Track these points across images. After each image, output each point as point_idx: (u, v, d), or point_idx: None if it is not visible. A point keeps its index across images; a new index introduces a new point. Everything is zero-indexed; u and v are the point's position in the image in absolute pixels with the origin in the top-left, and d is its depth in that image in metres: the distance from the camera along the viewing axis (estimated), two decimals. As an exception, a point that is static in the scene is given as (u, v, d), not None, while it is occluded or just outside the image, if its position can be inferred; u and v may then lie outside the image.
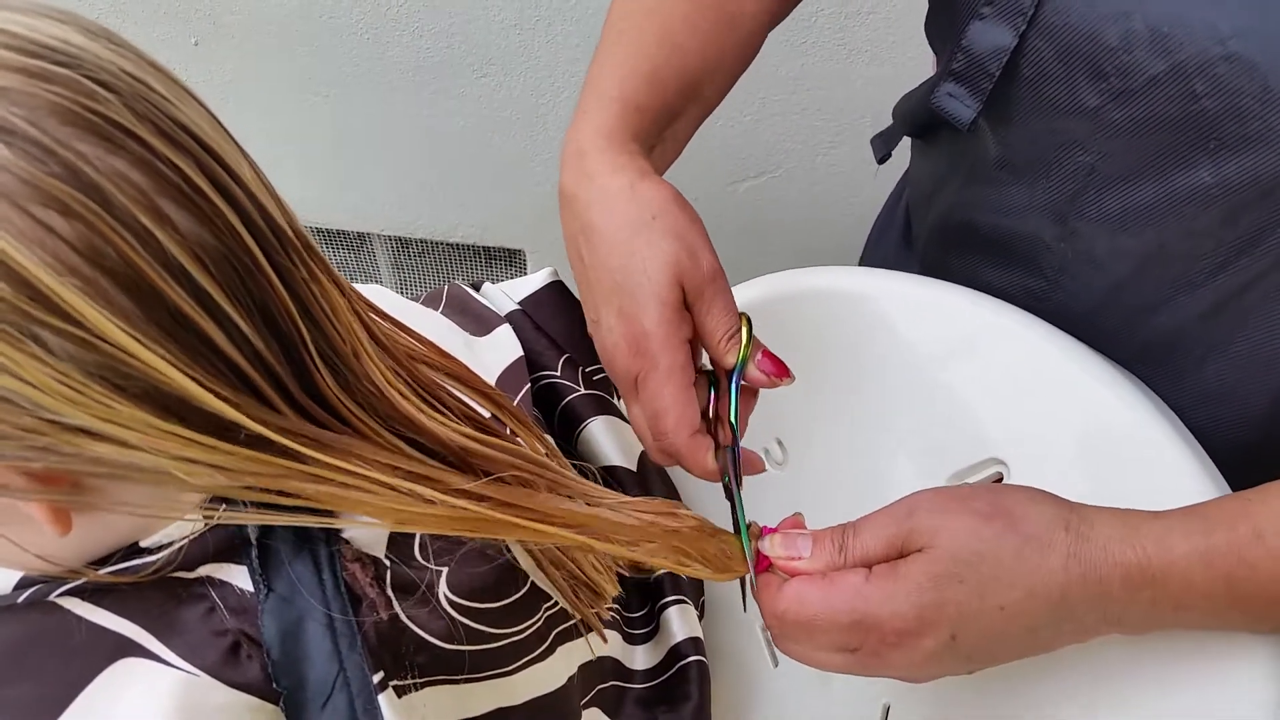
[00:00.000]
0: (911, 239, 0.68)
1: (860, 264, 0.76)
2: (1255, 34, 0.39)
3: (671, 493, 0.57)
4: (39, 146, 0.30)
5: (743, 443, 0.47)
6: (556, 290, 0.62)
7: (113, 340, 0.31)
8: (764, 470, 0.48)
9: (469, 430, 0.42)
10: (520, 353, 0.55)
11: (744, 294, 0.60)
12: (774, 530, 0.45)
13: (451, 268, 1.63)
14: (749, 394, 0.48)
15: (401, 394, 0.40)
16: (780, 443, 0.60)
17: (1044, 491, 0.43)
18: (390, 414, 0.40)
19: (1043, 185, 0.51)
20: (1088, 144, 0.47)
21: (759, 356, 0.46)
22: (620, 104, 0.49)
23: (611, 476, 0.55)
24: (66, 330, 0.30)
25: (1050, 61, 0.45)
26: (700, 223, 0.46)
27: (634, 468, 0.55)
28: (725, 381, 0.47)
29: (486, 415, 0.45)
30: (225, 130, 0.37)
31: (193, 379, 0.33)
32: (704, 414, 0.47)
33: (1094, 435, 0.50)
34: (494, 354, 0.54)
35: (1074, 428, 0.51)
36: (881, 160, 0.70)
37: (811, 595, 0.42)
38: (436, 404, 0.42)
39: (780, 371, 0.46)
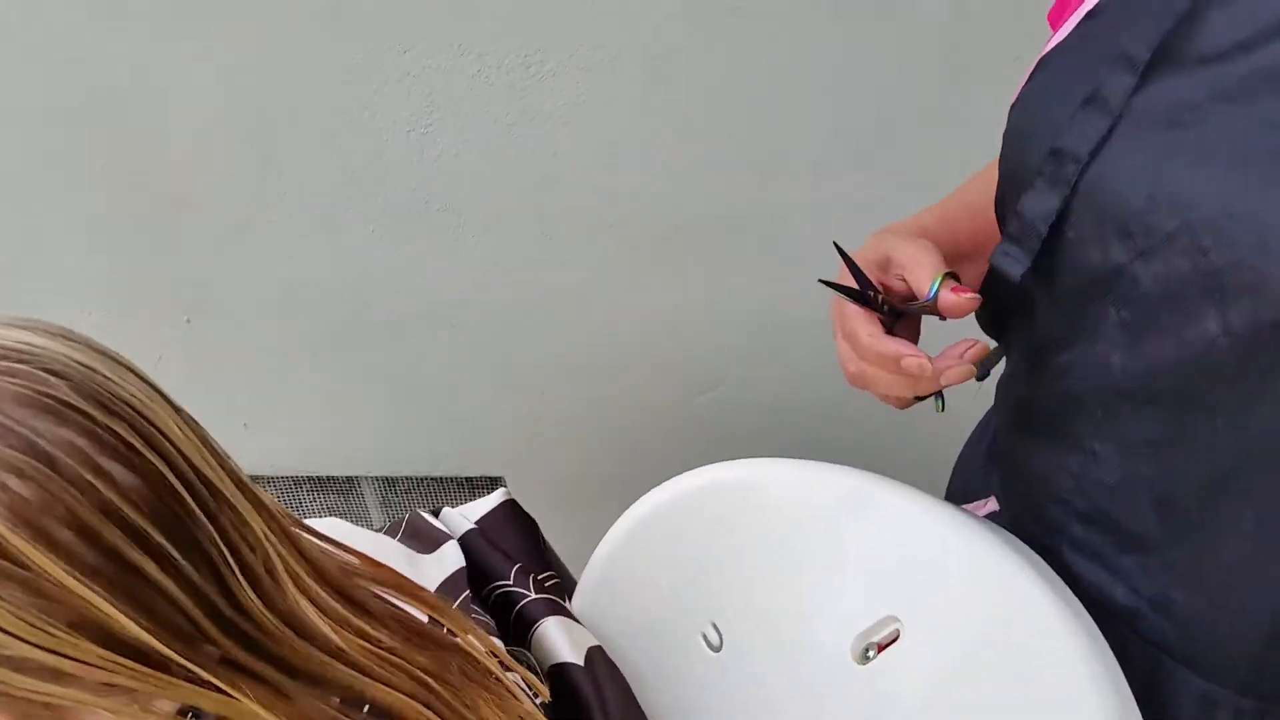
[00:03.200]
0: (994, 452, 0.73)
1: (951, 478, 0.84)
2: (1255, 196, 0.43)
3: (622, 682, 0.62)
4: (0, 426, 0.38)
5: (678, 626, 0.52)
6: (509, 507, 0.70)
7: (53, 578, 0.38)
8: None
9: (372, 649, 0.48)
10: (462, 564, 0.62)
11: (670, 490, 0.67)
12: None
13: (436, 499, 1.70)
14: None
15: (316, 607, 0.46)
16: (716, 627, 0.65)
17: None
18: (302, 628, 0.46)
19: (1082, 346, 0.54)
20: (1118, 299, 0.51)
21: (948, 290, 0.56)
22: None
23: (562, 674, 0.60)
24: (13, 571, 0.37)
25: (1088, 224, 0.50)
26: (919, 236, 0.60)
27: (581, 662, 0.61)
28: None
29: (424, 619, 0.52)
30: (162, 396, 0.45)
31: (121, 611, 0.39)
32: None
33: (973, 589, 0.56)
34: (436, 567, 0.61)
35: (956, 587, 0.57)
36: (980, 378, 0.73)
37: None
38: (360, 610, 0.49)
39: (965, 290, 0.56)
